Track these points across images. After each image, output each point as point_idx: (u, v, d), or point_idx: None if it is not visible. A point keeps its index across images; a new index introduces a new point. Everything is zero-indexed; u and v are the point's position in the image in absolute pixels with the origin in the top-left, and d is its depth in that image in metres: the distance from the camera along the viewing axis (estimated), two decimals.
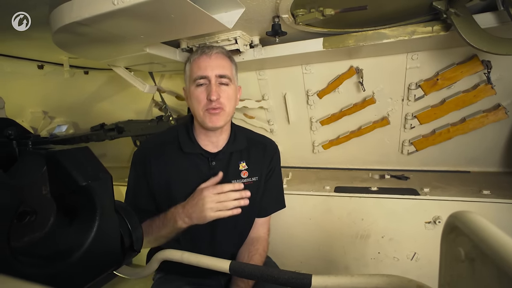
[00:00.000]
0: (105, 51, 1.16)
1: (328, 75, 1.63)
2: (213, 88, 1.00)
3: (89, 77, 2.06)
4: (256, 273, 0.84)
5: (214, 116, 1.01)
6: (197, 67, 1.02)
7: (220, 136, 1.10)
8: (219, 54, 1.04)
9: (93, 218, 0.68)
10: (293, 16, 1.07)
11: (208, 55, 1.02)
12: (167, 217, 1.02)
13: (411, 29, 1.13)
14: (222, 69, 1.02)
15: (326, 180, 1.74)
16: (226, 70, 1.03)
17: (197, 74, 1.02)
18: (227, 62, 1.06)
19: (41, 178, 0.67)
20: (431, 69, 1.44)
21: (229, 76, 1.04)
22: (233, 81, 1.06)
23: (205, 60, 1.02)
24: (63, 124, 2.38)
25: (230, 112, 1.06)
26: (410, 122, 1.62)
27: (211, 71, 1.01)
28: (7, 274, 0.32)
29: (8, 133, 0.77)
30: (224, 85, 1.03)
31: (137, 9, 0.73)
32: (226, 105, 1.02)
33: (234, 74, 1.09)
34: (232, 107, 1.07)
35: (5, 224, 0.51)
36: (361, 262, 1.50)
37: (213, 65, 1.01)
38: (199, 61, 1.03)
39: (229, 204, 0.97)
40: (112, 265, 0.77)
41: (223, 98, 1.01)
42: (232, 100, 1.06)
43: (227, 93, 1.03)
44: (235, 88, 1.08)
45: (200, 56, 1.03)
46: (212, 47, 1.05)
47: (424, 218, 1.37)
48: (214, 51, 1.04)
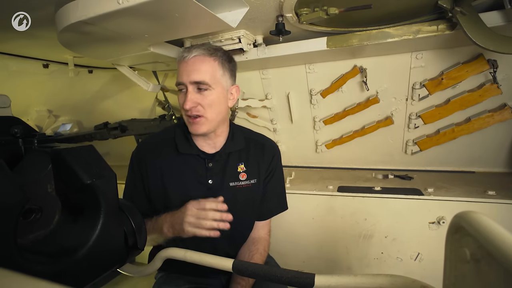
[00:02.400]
0: (109, 50, 1.16)
1: (331, 74, 1.63)
2: (188, 96, 0.95)
3: (93, 76, 2.07)
4: (259, 272, 0.84)
5: (194, 124, 0.98)
6: (178, 73, 0.99)
7: (217, 138, 1.07)
8: (198, 57, 0.96)
9: (98, 216, 0.68)
10: (297, 15, 1.07)
11: (185, 60, 0.97)
12: (157, 222, 1.00)
13: (416, 28, 1.12)
14: (198, 74, 0.95)
15: (329, 179, 1.73)
16: (203, 74, 0.95)
17: (177, 79, 0.99)
18: (207, 65, 0.96)
19: (47, 176, 0.68)
20: (435, 68, 1.43)
21: (207, 82, 0.95)
22: (216, 84, 0.98)
23: (182, 65, 0.97)
24: (68, 122, 2.40)
25: (214, 118, 0.99)
26: (414, 121, 1.61)
27: (186, 77, 0.95)
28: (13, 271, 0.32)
29: (14, 131, 0.78)
30: (203, 91, 0.96)
31: (141, 8, 0.73)
32: (206, 112, 0.97)
33: (220, 75, 0.99)
34: (216, 113, 0.99)
35: (11, 222, 0.51)
36: (364, 262, 1.50)
37: (189, 71, 0.95)
38: (179, 66, 0.99)
39: (206, 223, 0.91)
40: (116, 262, 0.77)
41: (201, 105, 0.96)
42: (215, 105, 0.98)
43: (208, 99, 0.96)
44: (220, 91, 0.99)
45: (180, 61, 0.98)
46: (191, 49, 0.97)
47: (428, 218, 1.36)
48: (192, 54, 0.96)
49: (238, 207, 1.08)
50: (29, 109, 2.03)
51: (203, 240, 1.07)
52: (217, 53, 1.00)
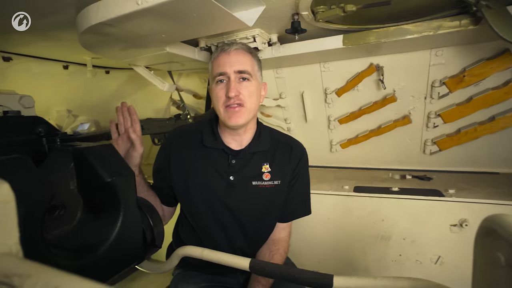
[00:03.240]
0: (127, 51, 1.19)
1: (347, 72, 1.60)
2: (231, 84, 0.97)
3: (110, 76, 2.13)
4: (276, 272, 0.83)
5: (234, 114, 0.98)
6: (216, 65, 1.01)
7: (244, 134, 1.07)
8: (238, 50, 1.01)
9: (118, 213, 0.70)
10: (313, 13, 1.05)
11: (226, 52, 1.01)
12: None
13: (437, 24, 1.09)
14: (241, 64, 1.00)
15: (345, 179, 1.71)
16: (245, 65, 1.00)
17: (216, 71, 1.01)
18: (247, 58, 1.02)
19: (69, 173, 0.69)
20: (457, 65, 1.38)
21: (249, 71, 1.00)
22: (254, 76, 1.02)
23: (223, 57, 1.00)
24: (86, 122, 2.46)
25: (252, 109, 1.02)
26: (433, 120, 1.57)
27: (229, 67, 0.99)
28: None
29: (38, 130, 0.81)
30: (245, 81, 1.00)
31: (160, 9, 0.74)
32: (246, 101, 0.99)
33: (257, 70, 1.05)
34: (254, 104, 1.02)
35: (39, 217, 0.53)
36: (382, 264, 1.46)
37: (232, 61, 0.99)
38: (218, 59, 1.02)
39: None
40: (135, 259, 0.79)
41: (243, 95, 0.98)
42: (254, 96, 1.01)
43: (248, 89, 1.00)
44: (257, 84, 1.04)
45: (219, 54, 1.02)
46: (231, 44, 1.03)
47: (449, 220, 1.32)
48: (233, 47, 1.01)
49: (260, 207, 1.08)
50: (50, 109, 2.10)
51: (221, 239, 1.08)
52: (251, 50, 1.06)
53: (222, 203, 1.06)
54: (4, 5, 0.91)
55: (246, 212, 1.07)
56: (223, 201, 1.05)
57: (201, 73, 2.01)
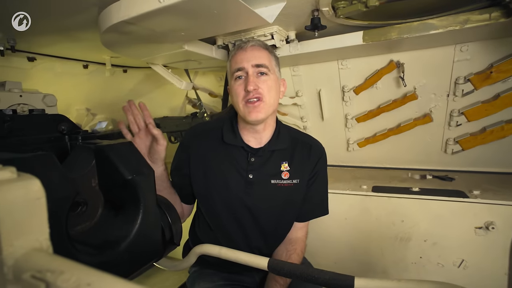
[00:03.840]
0: (146, 49, 1.20)
1: (365, 70, 1.57)
2: (250, 78, 0.97)
3: (127, 75, 2.16)
4: (295, 272, 0.82)
5: (253, 109, 0.98)
6: (234, 62, 1.02)
7: (263, 132, 1.07)
8: (255, 46, 1.02)
9: (137, 210, 0.70)
10: (334, 9, 1.03)
11: (243, 49, 1.01)
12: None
13: (464, 18, 1.04)
14: (259, 58, 0.99)
15: (362, 179, 1.67)
16: (262, 59, 1.00)
17: (234, 67, 1.01)
18: (264, 53, 1.02)
19: (91, 171, 0.70)
20: (483, 61, 1.33)
21: (267, 65, 1.00)
22: (272, 71, 1.02)
23: (241, 53, 1.01)
24: (103, 120, 2.52)
25: (272, 104, 1.01)
26: (456, 119, 1.51)
27: (246, 62, 0.99)
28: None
29: (61, 128, 0.83)
30: (263, 75, 1.00)
31: (181, 6, 0.74)
32: (265, 95, 0.98)
33: (274, 65, 1.04)
34: (273, 98, 1.02)
35: (64, 214, 0.53)
36: (401, 266, 1.43)
37: (249, 57, 0.99)
38: (235, 56, 1.02)
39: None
40: (154, 256, 0.79)
41: (262, 89, 0.98)
42: (273, 91, 1.01)
43: (267, 83, 0.99)
44: (275, 79, 1.03)
45: (236, 51, 1.03)
46: (248, 42, 1.03)
47: (473, 223, 1.27)
48: (249, 44, 1.02)
49: (278, 206, 1.07)
50: (70, 108, 2.16)
51: (238, 237, 1.08)
52: (268, 47, 1.06)
53: (241, 201, 1.05)
54: (30, 7, 0.93)
55: (265, 210, 1.06)
56: (241, 199, 1.05)
57: (217, 72, 2.02)
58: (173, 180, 1.16)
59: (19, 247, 0.34)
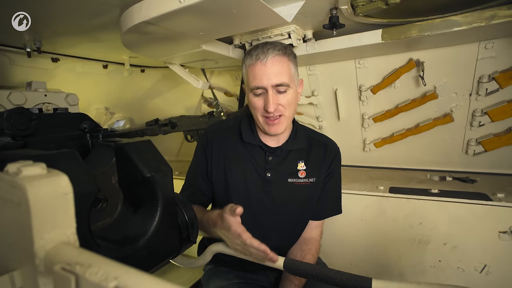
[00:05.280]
0: (165, 49, 1.22)
1: (383, 69, 1.53)
2: (270, 99, 0.95)
3: (145, 75, 2.21)
4: (311, 272, 0.81)
5: (273, 125, 0.99)
6: (252, 76, 0.97)
7: (281, 134, 1.07)
8: (275, 58, 0.95)
9: (155, 207, 0.72)
10: (353, 7, 1.01)
11: (263, 62, 0.95)
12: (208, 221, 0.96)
13: (490, 14, 1.00)
14: (279, 77, 0.95)
15: (379, 180, 1.64)
16: (283, 76, 0.96)
17: (253, 84, 0.97)
18: (284, 65, 0.97)
19: (111, 168, 0.72)
20: (509, 58, 1.27)
21: (287, 83, 0.96)
22: (292, 84, 0.99)
23: (260, 68, 0.95)
24: (121, 119, 2.58)
25: (291, 115, 1.03)
26: (478, 119, 1.46)
27: (267, 81, 0.95)
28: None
29: (83, 126, 0.85)
30: (283, 92, 0.98)
31: (201, 6, 0.74)
32: (285, 111, 0.99)
33: (293, 74, 1.01)
34: (293, 109, 1.02)
35: (87, 209, 0.55)
36: (418, 269, 1.39)
37: (269, 74, 0.95)
38: (254, 69, 0.96)
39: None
40: (171, 253, 0.80)
41: (282, 105, 0.98)
42: (292, 104, 1.01)
43: (286, 99, 0.98)
44: (295, 91, 1.01)
45: (255, 63, 0.96)
46: (267, 51, 0.95)
47: (497, 227, 1.22)
48: (269, 56, 0.95)
49: (295, 205, 1.08)
50: (89, 107, 2.22)
51: (255, 237, 1.07)
52: (287, 51, 1.00)
53: (259, 200, 1.06)
54: (56, 9, 0.96)
55: (282, 209, 1.07)
56: (260, 198, 1.06)
57: (232, 71, 2.03)
58: (199, 184, 1.13)
59: (49, 240, 0.35)
